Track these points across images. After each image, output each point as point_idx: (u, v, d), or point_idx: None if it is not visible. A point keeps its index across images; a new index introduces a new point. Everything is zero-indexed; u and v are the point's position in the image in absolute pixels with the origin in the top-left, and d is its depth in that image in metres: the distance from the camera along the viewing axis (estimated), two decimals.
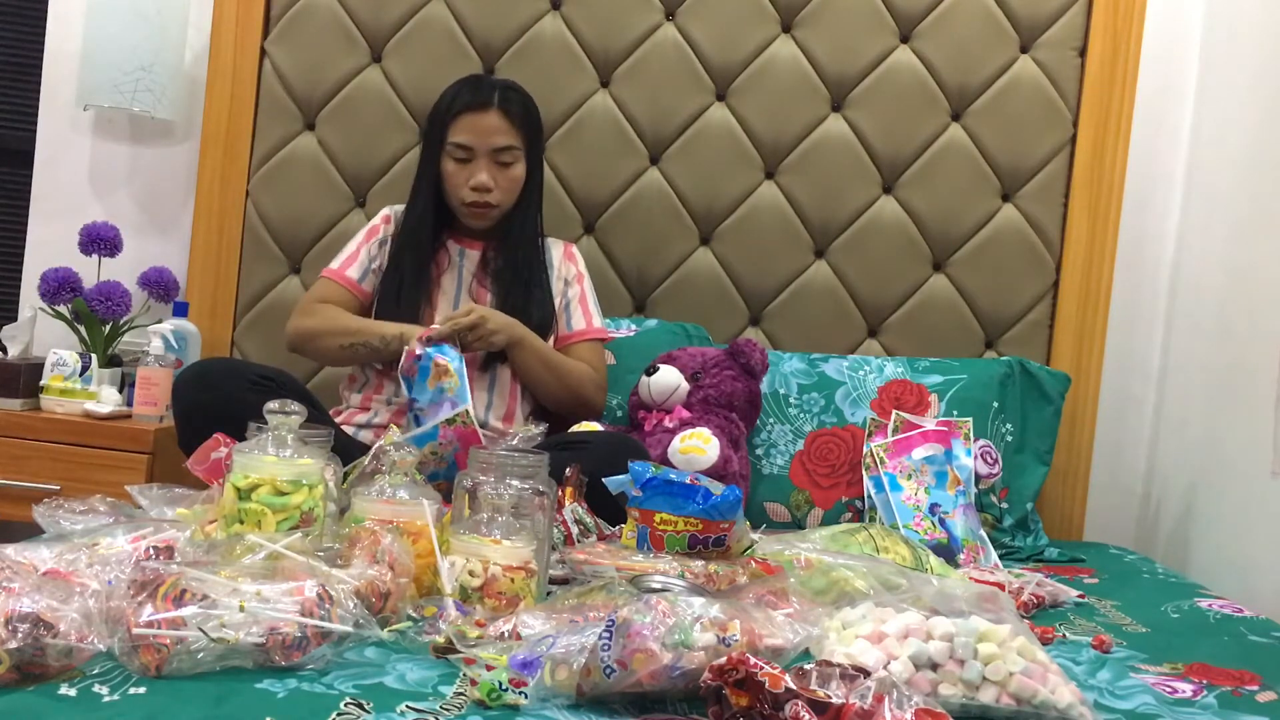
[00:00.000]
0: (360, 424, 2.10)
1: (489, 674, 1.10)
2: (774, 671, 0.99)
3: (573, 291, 2.24)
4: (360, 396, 2.14)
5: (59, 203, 2.64)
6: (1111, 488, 2.60)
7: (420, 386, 1.91)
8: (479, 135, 2.10)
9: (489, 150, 2.10)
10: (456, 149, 2.11)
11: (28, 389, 2.30)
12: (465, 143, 2.10)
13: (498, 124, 2.10)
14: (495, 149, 2.10)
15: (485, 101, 2.11)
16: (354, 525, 1.39)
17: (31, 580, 1.11)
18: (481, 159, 2.11)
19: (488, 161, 2.11)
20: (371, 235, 2.22)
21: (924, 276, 2.53)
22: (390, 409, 2.09)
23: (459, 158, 2.11)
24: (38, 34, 2.68)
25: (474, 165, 2.11)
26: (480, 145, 2.10)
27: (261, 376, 1.87)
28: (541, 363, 2.11)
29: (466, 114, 2.11)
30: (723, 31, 2.53)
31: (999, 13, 2.51)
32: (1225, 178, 2.40)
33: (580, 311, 2.23)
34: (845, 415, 2.26)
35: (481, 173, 2.10)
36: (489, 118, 2.10)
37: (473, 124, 2.10)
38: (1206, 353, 2.38)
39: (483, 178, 2.10)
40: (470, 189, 2.11)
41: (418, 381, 1.92)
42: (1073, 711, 1.13)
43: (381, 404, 2.11)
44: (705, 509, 1.50)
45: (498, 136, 2.10)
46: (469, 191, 2.11)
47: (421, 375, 1.92)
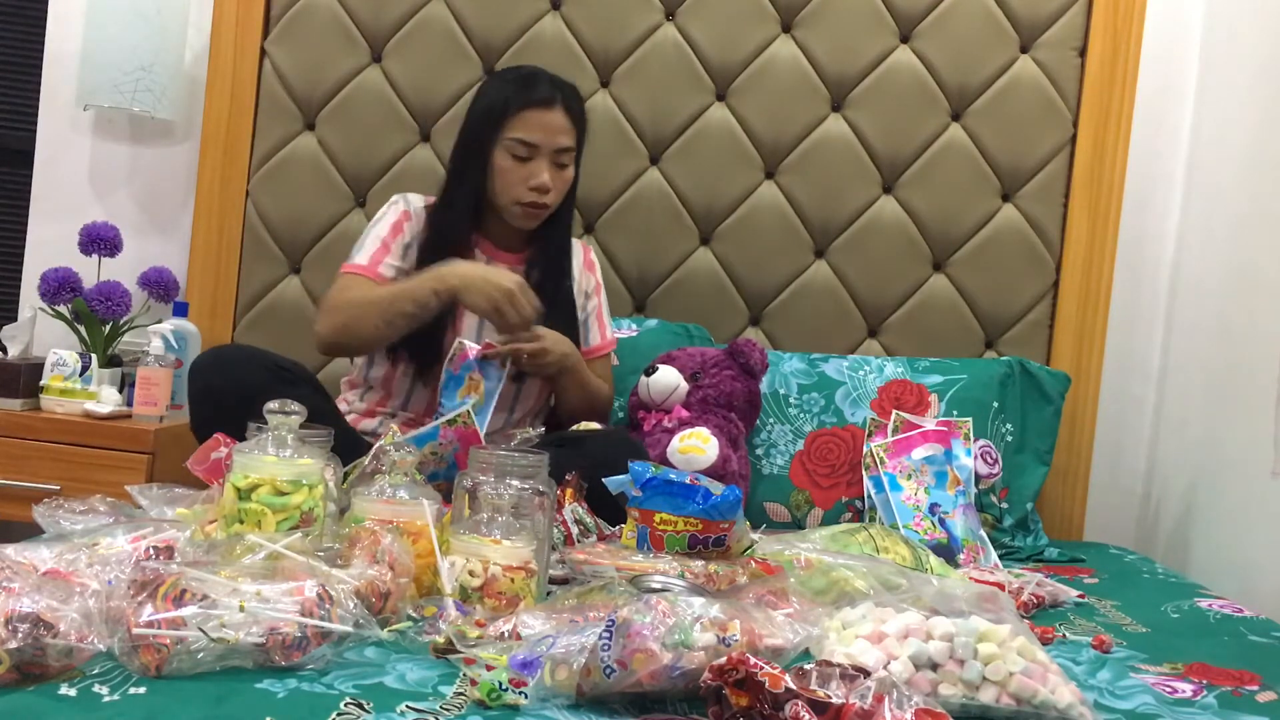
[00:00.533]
0: (365, 431, 2.05)
1: (489, 674, 1.10)
2: (774, 671, 0.99)
3: (591, 305, 2.20)
4: (365, 404, 2.09)
5: (59, 203, 2.64)
6: (1111, 488, 2.60)
7: (450, 393, 1.89)
8: (546, 133, 2.00)
9: (552, 150, 2.01)
10: (518, 145, 2.00)
11: (28, 389, 2.30)
12: (531, 140, 2.00)
13: (562, 123, 2.02)
14: (558, 149, 2.02)
15: (552, 99, 2.02)
16: (354, 525, 1.39)
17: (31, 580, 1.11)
18: (544, 158, 2.01)
19: (549, 161, 2.02)
20: (397, 232, 2.07)
21: (924, 276, 2.53)
22: (396, 421, 2.02)
23: (519, 155, 2.01)
24: (38, 34, 2.69)
25: (535, 164, 2.01)
26: (546, 143, 2.00)
27: (279, 367, 1.84)
28: (580, 388, 2.07)
29: (532, 110, 2.00)
30: (723, 31, 2.53)
31: (999, 13, 2.51)
32: (1225, 178, 2.40)
33: (597, 327, 2.20)
34: (845, 415, 2.26)
35: (544, 173, 2.00)
36: (555, 116, 2.02)
37: (541, 121, 2.00)
38: (1206, 353, 2.38)
39: (545, 178, 2.00)
40: (530, 189, 2.01)
41: (449, 387, 1.89)
42: (1073, 711, 1.13)
43: (387, 415, 2.05)
44: (705, 509, 1.50)
45: (562, 136, 2.02)
46: (527, 191, 2.01)
47: (456, 383, 1.89)
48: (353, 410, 2.10)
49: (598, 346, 2.19)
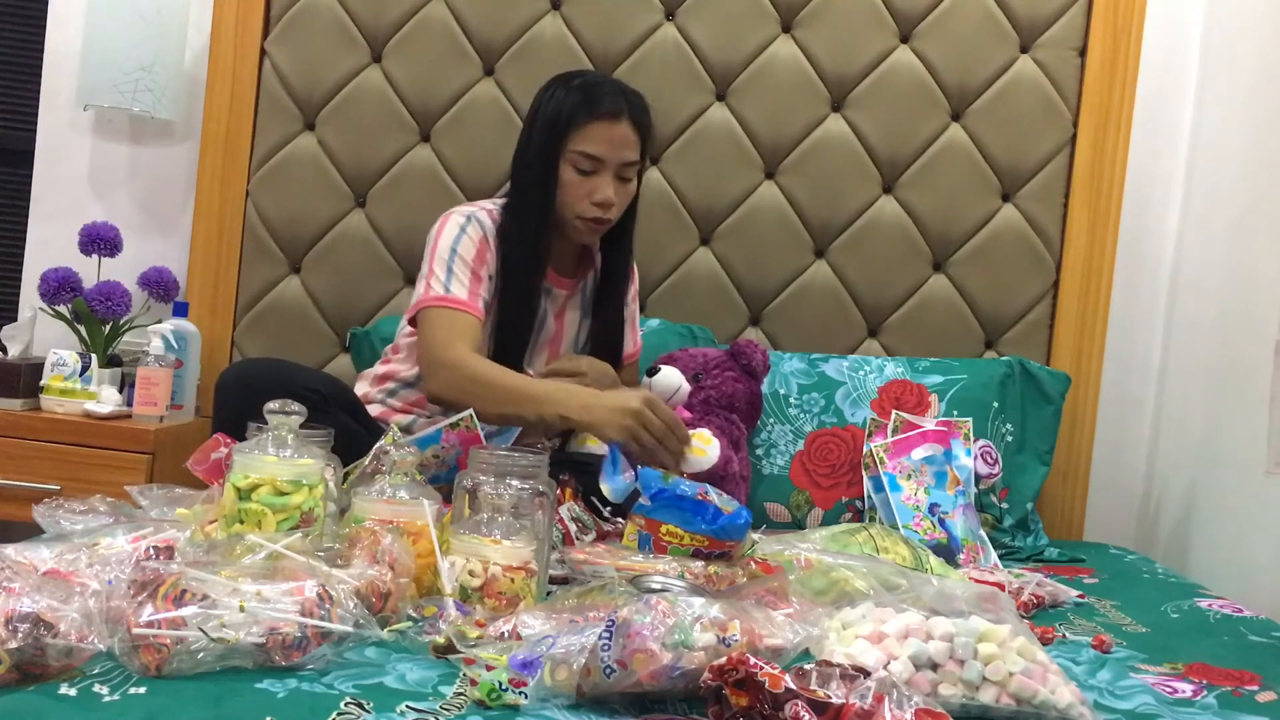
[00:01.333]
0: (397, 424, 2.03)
1: (489, 674, 1.10)
2: (774, 671, 0.99)
3: (629, 311, 2.18)
4: (399, 401, 2.04)
5: (59, 203, 2.64)
6: (1111, 488, 2.60)
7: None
8: (612, 147, 1.92)
9: (617, 164, 1.93)
10: (583, 158, 1.92)
11: (28, 389, 2.30)
12: (596, 154, 1.91)
13: (629, 137, 1.94)
14: (624, 163, 1.94)
15: (619, 111, 1.92)
16: (354, 525, 1.39)
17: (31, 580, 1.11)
18: (608, 172, 1.93)
19: (613, 175, 1.94)
20: (482, 261, 1.94)
21: (924, 276, 2.53)
22: (430, 421, 1.97)
23: (583, 169, 1.92)
24: (38, 34, 2.68)
25: (599, 178, 1.92)
26: (612, 158, 1.92)
27: (310, 389, 1.73)
28: None
29: (599, 122, 1.91)
30: (723, 31, 2.53)
31: (999, 13, 2.51)
32: (1225, 178, 2.40)
33: (631, 332, 2.19)
34: (845, 415, 2.27)
35: (608, 187, 1.93)
36: (622, 129, 1.93)
37: (608, 134, 1.91)
38: (1206, 352, 2.38)
39: (609, 193, 1.93)
40: (593, 203, 1.93)
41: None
42: (1073, 711, 1.13)
43: (423, 416, 2.02)
44: (715, 530, 1.50)
45: (628, 150, 1.94)
46: (590, 206, 1.93)
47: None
48: (384, 404, 2.05)
49: (630, 353, 2.20)
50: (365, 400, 2.04)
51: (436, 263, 1.93)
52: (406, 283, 2.54)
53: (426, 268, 1.94)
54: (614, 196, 1.94)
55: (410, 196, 2.52)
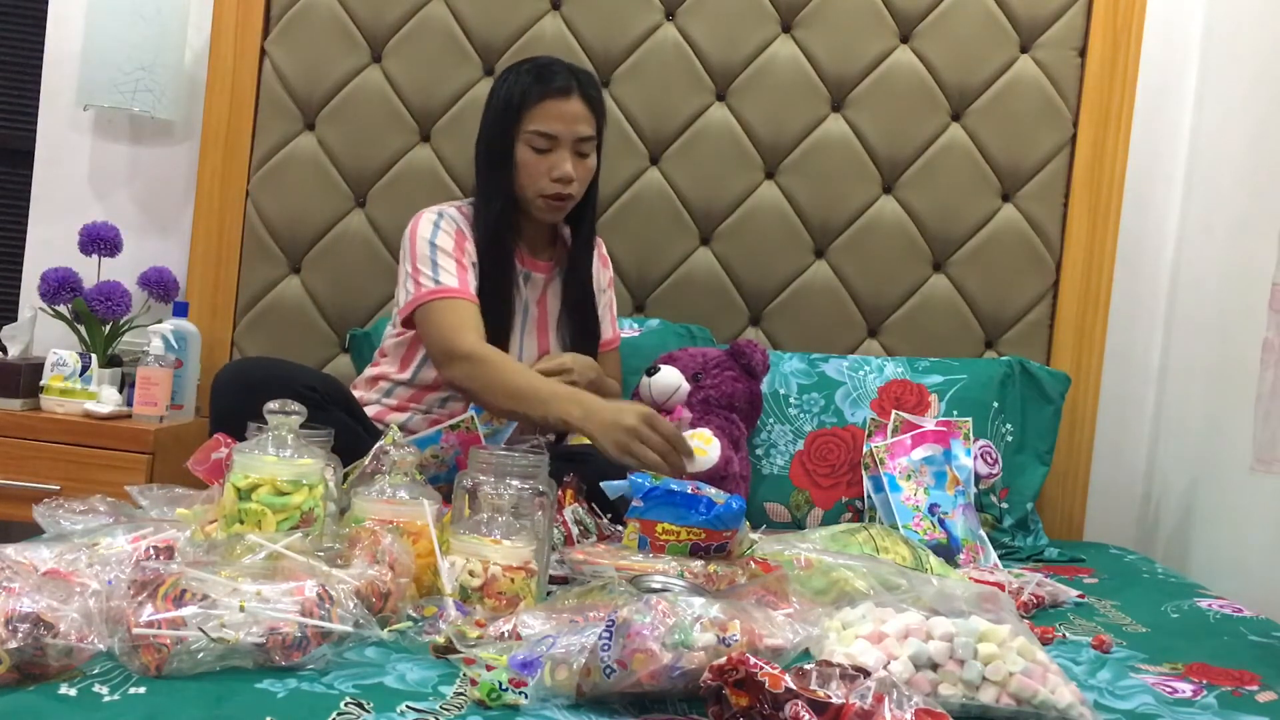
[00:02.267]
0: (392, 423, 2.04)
1: (489, 674, 1.10)
2: (774, 671, 0.99)
3: (604, 299, 2.19)
4: (395, 399, 2.06)
5: (59, 203, 2.64)
6: (1111, 488, 2.60)
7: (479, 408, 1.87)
8: (566, 123, 1.96)
9: (573, 139, 1.97)
10: (538, 137, 1.96)
11: (28, 389, 2.30)
12: (550, 131, 1.95)
13: (582, 111, 1.98)
14: (579, 138, 1.98)
15: (569, 88, 1.97)
16: (354, 525, 1.39)
17: (31, 580, 1.11)
18: (565, 148, 1.97)
19: (570, 151, 1.97)
20: (462, 250, 1.99)
21: (924, 276, 2.53)
22: (427, 419, 2.01)
23: (539, 147, 1.96)
24: (38, 34, 2.68)
25: (556, 155, 1.96)
26: (566, 134, 1.96)
27: (307, 387, 1.76)
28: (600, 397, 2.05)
29: (550, 100, 1.96)
30: (723, 31, 2.53)
31: (999, 13, 2.51)
32: (1225, 178, 2.40)
33: (608, 319, 2.19)
34: (845, 415, 2.27)
35: (566, 163, 1.96)
36: (573, 104, 1.97)
37: (559, 111, 1.96)
38: (1206, 352, 2.38)
39: (568, 168, 1.96)
40: (552, 180, 1.97)
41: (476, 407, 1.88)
42: (1073, 711, 1.13)
43: (420, 412, 2.03)
44: (709, 519, 1.50)
45: (581, 125, 1.97)
46: (550, 183, 1.97)
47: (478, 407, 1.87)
48: (379, 403, 2.06)
49: (608, 340, 2.19)
50: (362, 403, 2.05)
51: (419, 261, 1.97)
52: None
53: (409, 268, 1.98)
54: (573, 171, 1.98)
55: (410, 196, 2.51)
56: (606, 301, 2.20)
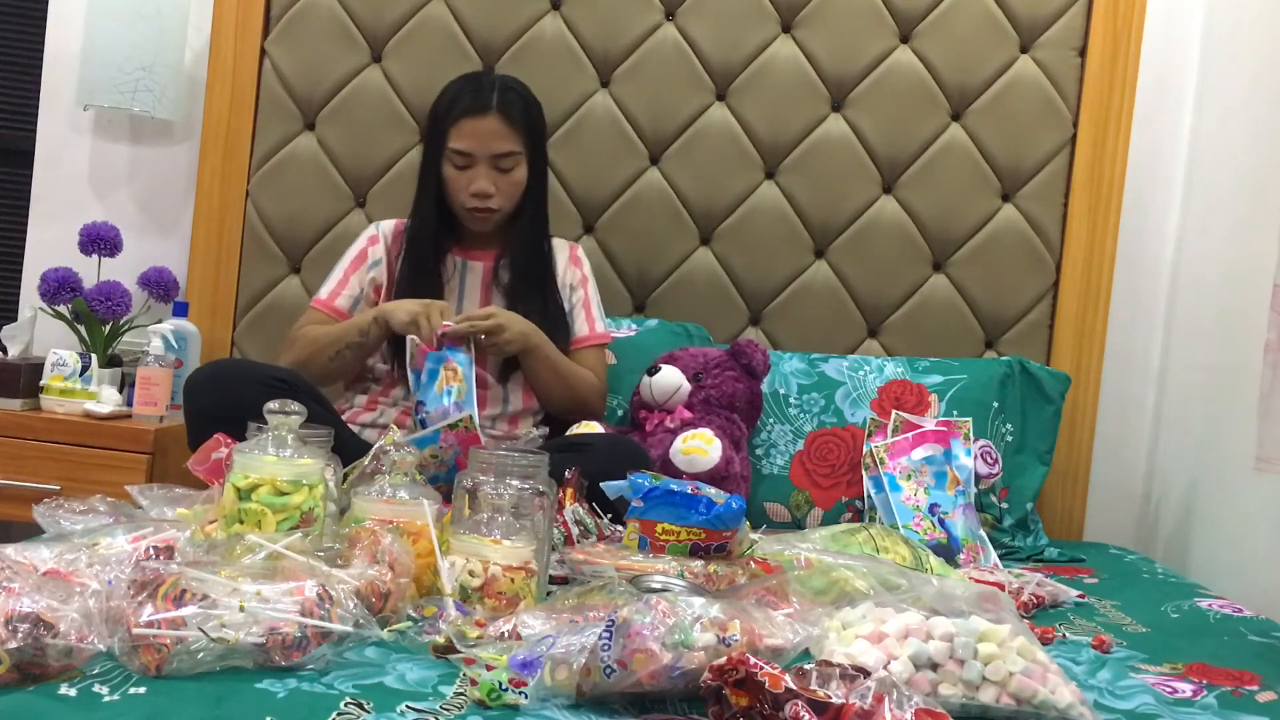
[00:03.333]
0: (365, 423, 2.09)
1: (489, 674, 1.10)
2: (774, 671, 0.99)
3: (577, 296, 2.22)
4: (366, 397, 2.12)
5: (59, 203, 2.64)
6: (1111, 488, 2.60)
7: (427, 388, 1.88)
8: (478, 141, 2.05)
9: (489, 156, 2.06)
10: (456, 155, 2.07)
11: (28, 389, 2.30)
12: (464, 149, 2.06)
13: (497, 128, 2.06)
14: (495, 155, 2.06)
15: (484, 105, 2.05)
16: (354, 525, 1.39)
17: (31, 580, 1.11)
18: (481, 164, 2.06)
19: (487, 167, 2.06)
20: (360, 262, 2.18)
21: (924, 276, 2.53)
22: (396, 410, 2.07)
23: (459, 164, 2.07)
24: (38, 34, 2.69)
25: (474, 171, 2.07)
26: (480, 151, 2.05)
27: (275, 379, 1.84)
28: (552, 370, 2.09)
29: (465, 119, 2.05)
30: (723, 31, 2.53)
31: (999, 13, 2.51)
32: (1225, 178, 2.40)
33: (584, 317, 2.21)
34: (845, 415, 2.26)
35: (480, 179, 2.06)
36: (488, 122, 2.05)
37: (473, 129, 2.05)
38: (1206, 353, 2.38)
39: (482, 184, 2.06)
40: (471, 194, 2.07)
41: (425, 382, 1.89)
42: (1073, 711, 1.13)
43: (388, 405, 2.09)
44: (709, 519, 1.50)
45: (497, 142, 2.06)
46: (470, 197, 2.08)
47: (430, 377, 1.89)
48: (353, 405, 2.12)
49: (584, 337, 2.20)
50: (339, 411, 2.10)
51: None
52: None
53: None
54: (489, 187, 2.07)
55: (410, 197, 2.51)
56: (579, 300, 2.22)
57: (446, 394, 1.87)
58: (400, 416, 2.05)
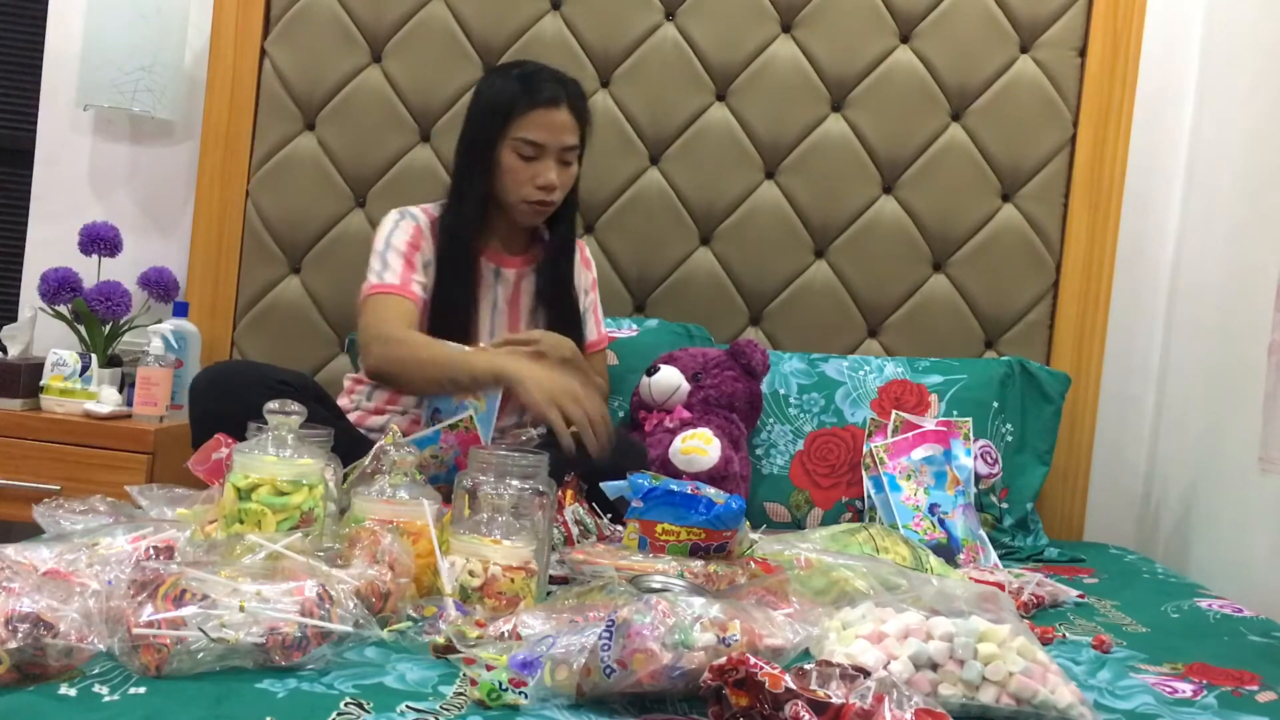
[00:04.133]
0: (372, 427, 2.04)
1: (489, 674, 1.10)
2: (774, 671, 0.99)
3: (588, 300, 2.20)
4: (374, 402, 2.07)
5: (59, 203, 2.64)
6: (1111, 488, 2.60)
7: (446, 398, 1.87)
8: (553, 133, 1.99)
9: (558, 149, 2.00)
10: (525, 145, 1.98)
11: (28, 389, 2.30)
12: (538, 140, 1.98)
13: (569, 122, 2.01)
14: (564, 147, 2.01)
15: (558, 98, 2.00)
16: (354, 525, 1.39)
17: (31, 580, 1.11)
18: (550, 157, 2.00)
19: (555, 160, 2.01)
20: (416, 249, 2.03)
21: (924, 276, 2.53)
22: (405, 419, 2.02)
23: (525, 154, 1.99)
24: (38, 34, 2.69)
25: (541, 163, 2.00)
26: (553, 143, 1.99)
27: (280, 382, 1.81)
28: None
29: (540, 109, 1.98)
30: (723, 31, 2.53)
31: (999, 13, 2.51)
32: (1225, 178, 2.40)
33: (593, 321, 2.20)
34: (845, 415, 2.26)
35: (550, 171, 1.99)
36: (561, 115, 2.00)
37: (548, 120, 1.99)
38: (1206, 352, 2.38)
39: (552, 176, 2.00)
40: (537, 187, 2.00)
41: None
42: (1073, 711, 1.13)
43: (397, 412, 2.04)
44: (709, 519, 1.50)
45: (567, 135, 2.01)
46: (534, 190, 2.00)
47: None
48: (359, 408, 2.08)
49: (593, 342, 2.19)
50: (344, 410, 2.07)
51: (374, 258, 2.02)
52: None
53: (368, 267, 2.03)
54: (556, 180, 2.00)
55: (410, 197, 2.50)
56: (590, 304, 2.20)
57: (463, 407, 1.84)
58: (409, 426, 2.03)
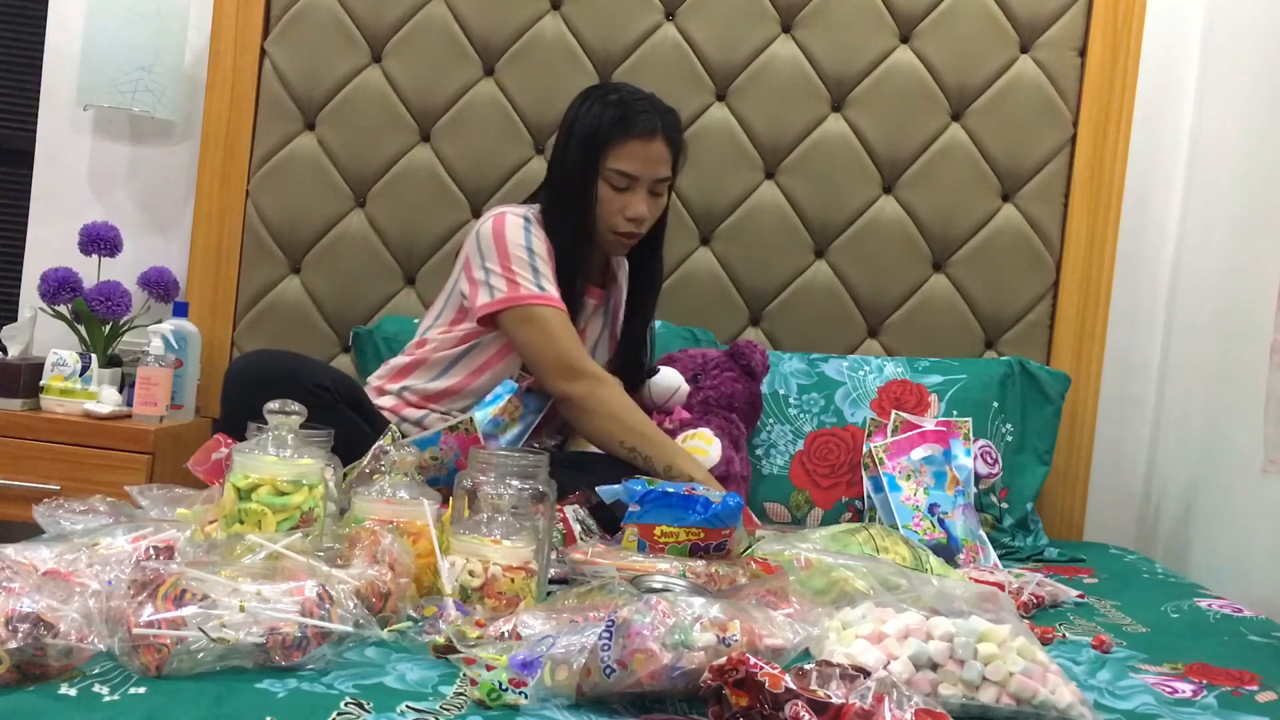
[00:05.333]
0: (406, 418, 1.99)
1: (489, 674, 1.10)
2: (774, 671, 0.99)
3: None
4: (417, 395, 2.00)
5: (59, 203, 2.64)
6: (1111, 488, 2.60)
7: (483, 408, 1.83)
8: (647, 165, 1.94)
9: (651, 180, 1.95)
10: (618, 175, 1.94)
11: (28, 389, 2.30)
12: (632, 171, 1.93)
13: (663, 154, 1.96)
14: (657, 179, 1.96)
15: (654, 129, 1.95)
16: (354, 525, 1.39)
17: (31, 580, 1.11)
18: (642, 188, 1.95)
19: (646, 192, 1.96)
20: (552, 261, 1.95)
21: (924, 276, 2.53)
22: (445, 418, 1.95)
23: (618, 185, 1.94)
24: (38, 34, 2.68)
25: (633, 195, 1.95)
26: (646, 175, 1.94)
27: (319, 385, 1.75)
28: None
29: (635, 140, 1.93)
30: (723, 31, 2.53)
31: (999, 13, 2.51)
32: (1225, 178, 2.40)
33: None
34: (845, 415, 2.26)
35: (641, 204, 1.95)
36: (656, 147, 1.95)
37: (643, 152, 1.94)
38: (1206, 352, 2.38)
39: (642, 209, 1.95)
40: (627, 219, 1.96)
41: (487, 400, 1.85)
42: (1073, 711, 1.13)
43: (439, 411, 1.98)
44: (707, 518, 1.50)
45: (662, 167, 1.96)
46: (624, 221, 1.96)
47: (494, 398, 1.84)
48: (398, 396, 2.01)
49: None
50: (380, 392, 2.01)
51: (514, 262, 1.91)
52: (406, 283, 2.54)
53: (497, 267, 1.91)
54: (645, 212, 1.96)
55: (410, 196, 2.52)
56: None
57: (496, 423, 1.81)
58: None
